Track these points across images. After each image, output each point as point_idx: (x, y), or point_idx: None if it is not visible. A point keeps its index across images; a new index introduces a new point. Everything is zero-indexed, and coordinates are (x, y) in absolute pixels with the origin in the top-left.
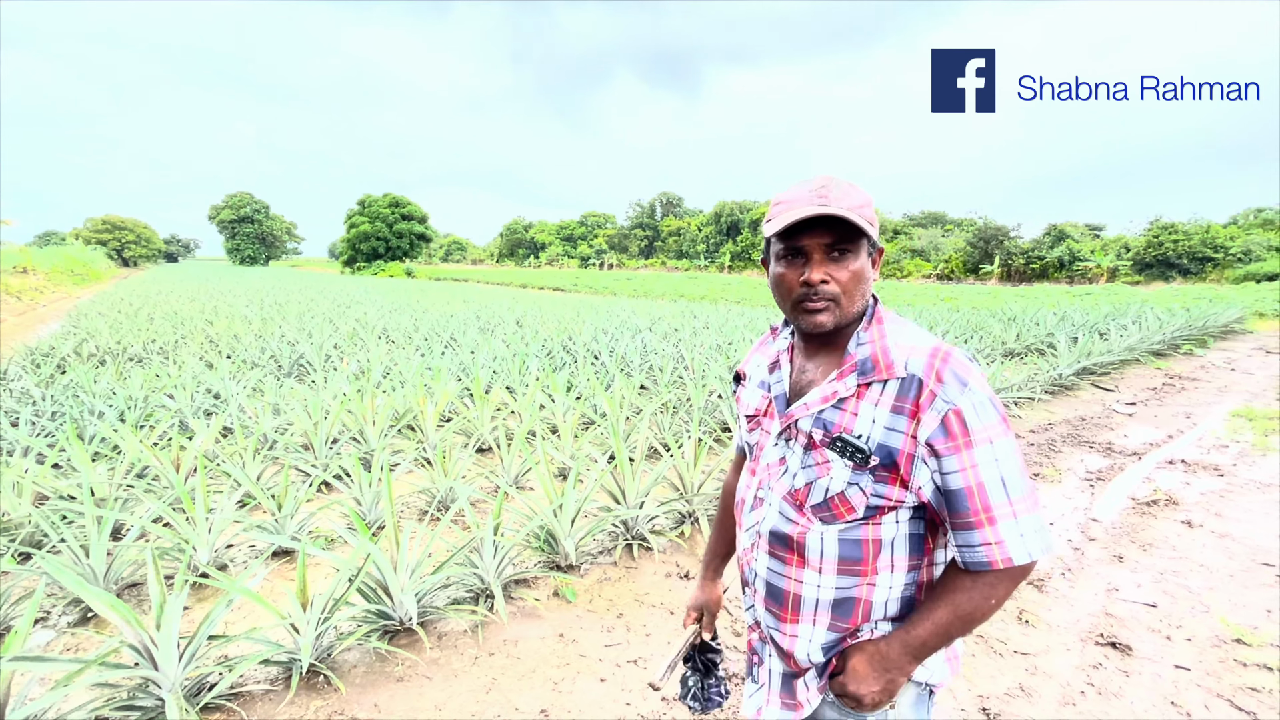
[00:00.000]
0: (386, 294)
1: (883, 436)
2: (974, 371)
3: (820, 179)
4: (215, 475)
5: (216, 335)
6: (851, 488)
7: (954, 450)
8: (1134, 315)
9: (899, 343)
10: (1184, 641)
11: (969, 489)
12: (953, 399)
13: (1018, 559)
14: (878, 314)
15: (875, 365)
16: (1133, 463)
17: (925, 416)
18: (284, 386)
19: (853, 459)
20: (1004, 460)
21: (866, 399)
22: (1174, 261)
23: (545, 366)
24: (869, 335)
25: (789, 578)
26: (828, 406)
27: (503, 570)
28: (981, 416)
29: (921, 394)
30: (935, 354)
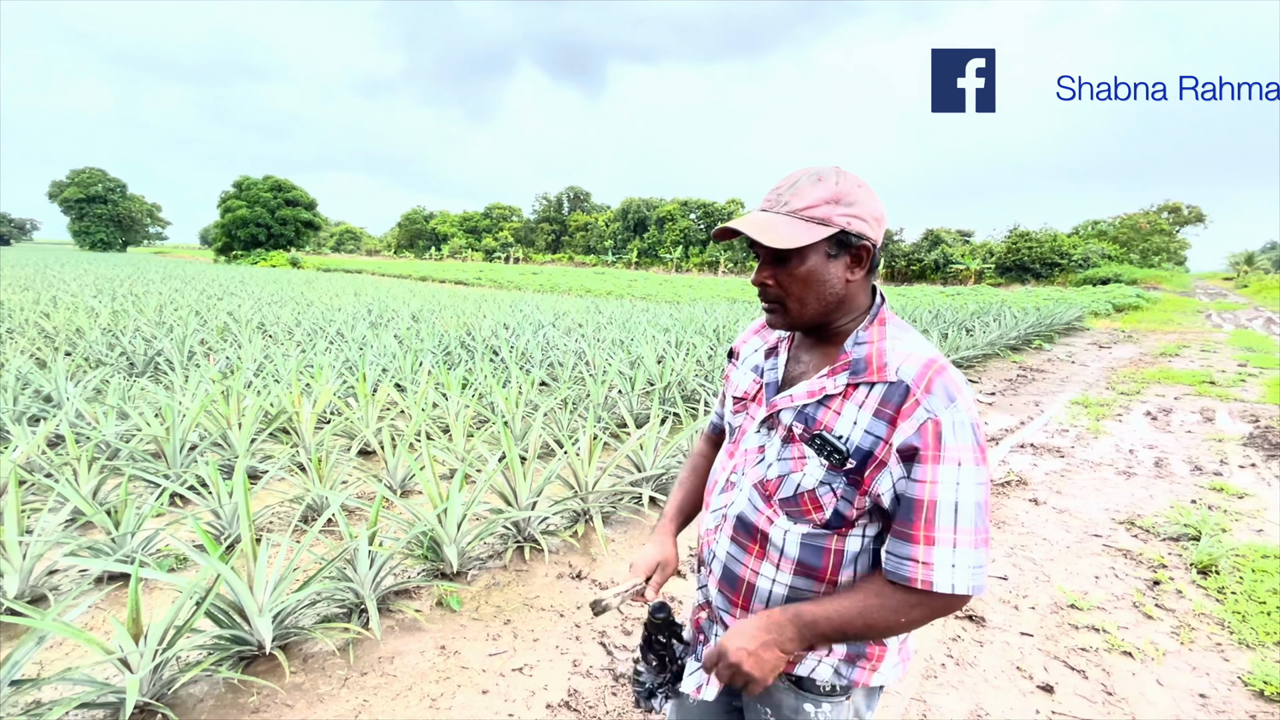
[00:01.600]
0: (266, 285)
1: (861, 440)
2: (965, 391)
3: (796, 174)
4: (40, 490)
5: (54, 329)
6: (823, 487)
7: (921, 460)
8: (995, 313)
9: (897, 348)
10: (1029, 610)
11: (920, 502)
12: (935, 410)
13: (938, 585)
14: (881, 315)
15: (868, 366)
16: (991, 447)
17: (904, 424)
18: (135, 387)
19: (829, 458)
20: (965, 487)
21: (853, 399)
22: (1029, 266)
23: (440, 363)
24: (868, 335)
25: (747, 566)
26: (813, 402)
27: (380, 582)
28: (959, 436)
29: (906, 401)
30: (931, 364)
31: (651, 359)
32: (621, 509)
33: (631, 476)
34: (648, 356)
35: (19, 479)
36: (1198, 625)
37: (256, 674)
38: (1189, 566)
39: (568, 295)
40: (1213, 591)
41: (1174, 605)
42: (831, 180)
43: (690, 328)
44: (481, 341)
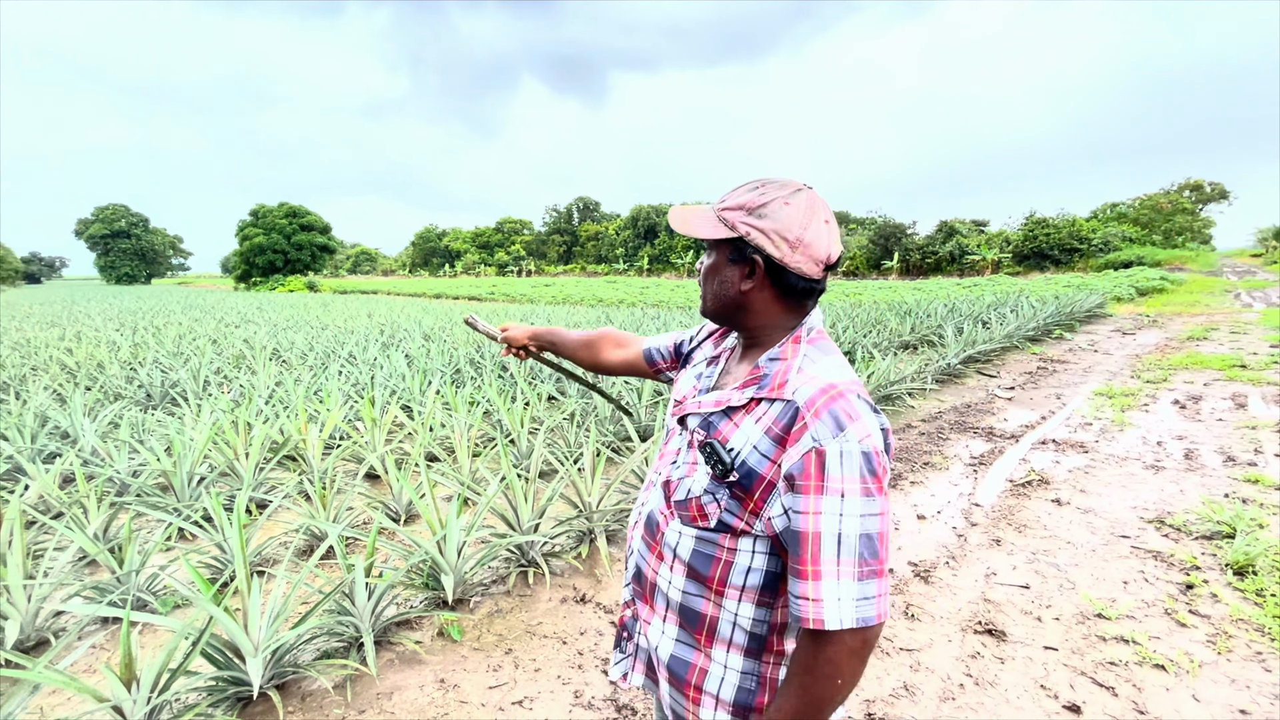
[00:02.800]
0: (283, 310)
1: (749, 455)
2: (862, 420)
3: (753, 180)
4: (49, 530)
5: (76, 365)
6: (707, 496)
7: (804, 491)
8: (1012, 304)
9: (805, 368)
10: (1053, 621)
11: (804, 534)
12: (821, 439)
13: (829, 623)
14: (798, 335)
15: (772, 381)
16: (1011, 445)
17: (792, 449)
18: (150, 419)
19: (714, 468)
20: (849, 519)
21: (753, 414)
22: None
23: (448, 382)
24: (782, 352)
25: (649, 565)
26: (718, 410)
27: (381, 614)
28: (845, 467)
29: (795, 424)
30: (827, 390)
31: None
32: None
33: (638, 492)
34: None
35: (29, 520)
36: (1235, 632)
37: (253, 716)
38: (1224, 567)
39: (580, 306)
40: (1250, 594)
41: (1209, 611)
42: (760, 191)
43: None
44: (490, 358)
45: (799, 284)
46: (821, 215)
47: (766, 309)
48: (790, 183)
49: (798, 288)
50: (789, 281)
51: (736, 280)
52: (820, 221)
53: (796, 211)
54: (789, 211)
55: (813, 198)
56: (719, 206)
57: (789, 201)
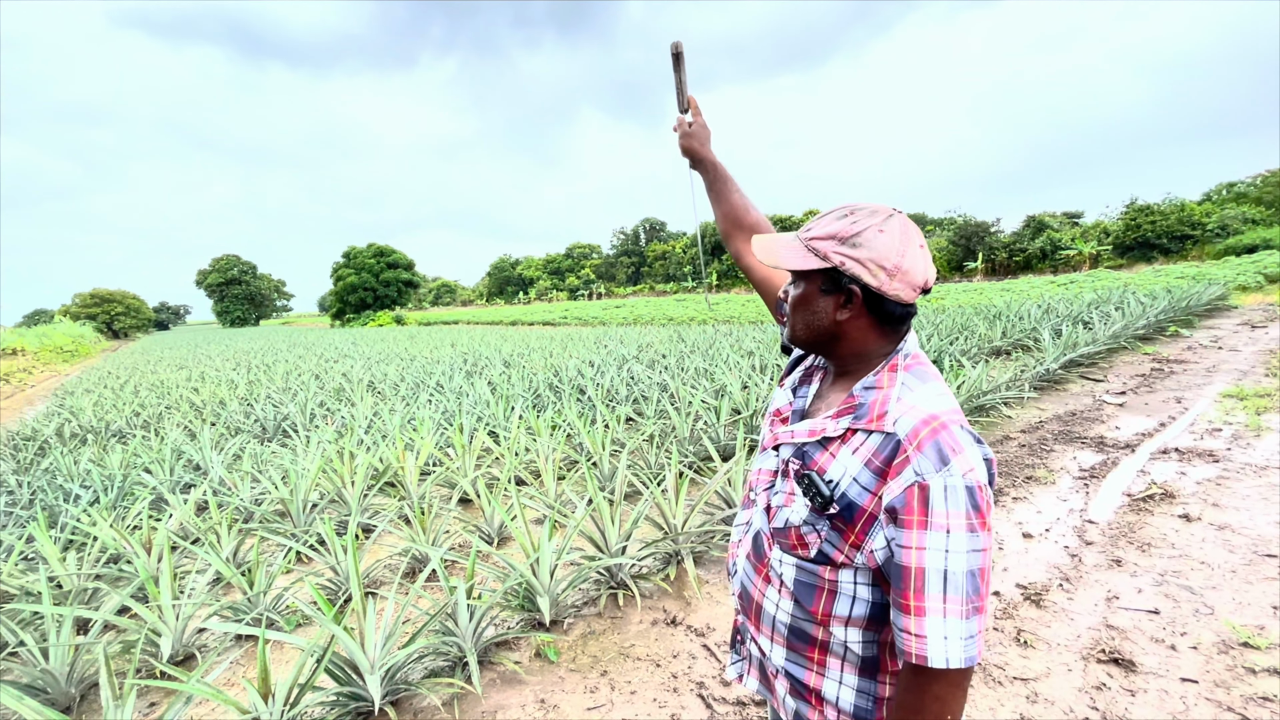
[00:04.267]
0: (375, 344)
1: (849, 488)
2: (965, 453)
3: (837, 207)
4: (189, 555)
5: (202, 402)
6: (807, 527)
7: (907, 526)
8: (1116, 300)
9: (904, 397)
10: (1189, 650)
11: (907, 569)
12: (924, 473)
13: (933, 660)
14: (895, 361)
15: (870, 412)
16: (1126, 456)
17: (893, 482)
18: (267, 451)
19: (812, 500)
20: (955, 555)
21: (850, 444)
22: (1154, 242)
23: (529, 407)
24: (877, 380)
25: (756, 586)
26: (812, 441)
27: (481, 634)
28: (949, 502)
29: (897, 456)
30: (929, 422)
31: (736, 386)
32: (714, 548)
33: (722, 513)
34: (732, 384)
35: (172, 545)
36: None
37: None
38: None
39: (650, 326)
40: None
41: None
42: (851, 219)
43: (775, 349)
44: (568, 382)
45: (896, 310)
46: (915, 240)
47: (862, 337)
48: (880, 208)
49: (895, 314)
50: (886, 309)
51: (831, 310)
52: (915, 246)
53: (891, 239)
54: (884, 239)
55: (905, 223)
56: (806, 236)
57: (883, 229)
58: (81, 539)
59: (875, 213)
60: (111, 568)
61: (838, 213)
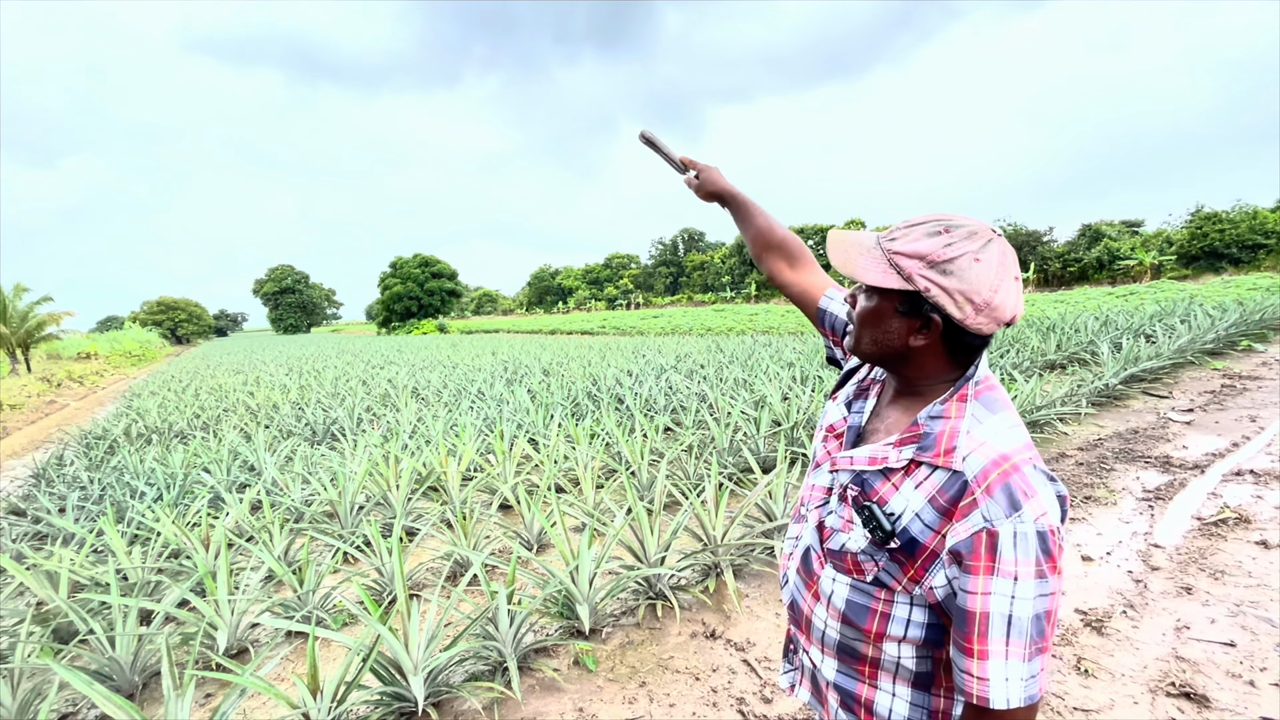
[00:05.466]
0: (419, 351)
1: (911, 524)
2: (1038, 496)
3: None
4: (244, 552)
5: (256, 406)
6: (865, 556)
7: (973, 571)
8: (1182, 313)
9: (973, 431)
10: (1269, 686)
11: (971, 614)
12: (993, 519)
13: (994, 701)
14: (964, 390)
15: (936, 445)
16: (1195, 477)
17: (959, 524)
18: (317, 453)
19: (873, 534)
20: (1022, 601)
21: (913, 477)
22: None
23: (568, 415)
24: (945, 409)
25: (805, 601)
26: (872, 470)
27: (521, 639)
28: (1019, 549)
29: (964, 498)
30: (1001, 462)
31: (776, 397)
32: (754, 561)
33: (762, 526)
34: (772, 395)
35: (228, 542)
36: None
37: None
38: None
39: (688, 336)
40: None
41: None
42: (945, 239)
43: (816, 360)
44: (606, 391)
45: (974, 342)
46: (1011, 271)
47: (933, 363)
48: (980, 229)
49: (972, 345)
50: (964, 340)
51: (903, 333)
52: (1010, 279)
53: (988, 270)
54: (980, 270)
55: (1004, 250)
56: (890, 247)
57: (980, 257)
58: (146, 534)
59: (974, 235)
60: (173, 562)
61: (929, 227)
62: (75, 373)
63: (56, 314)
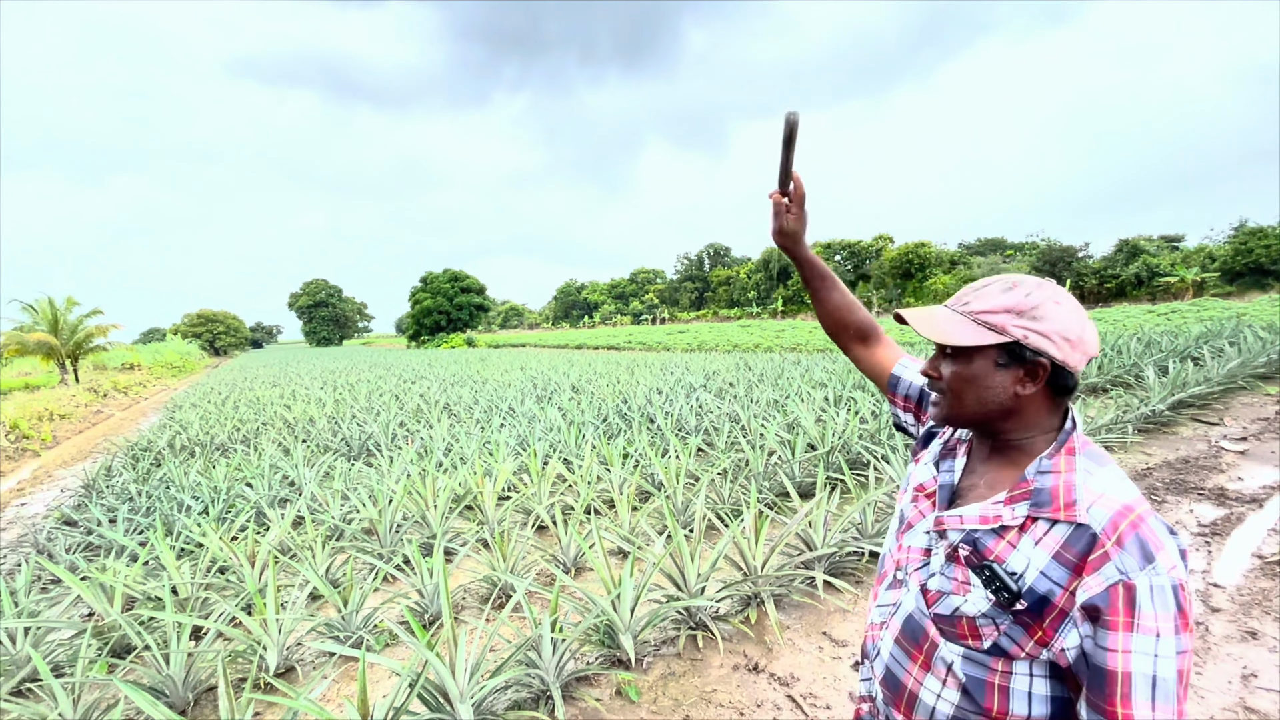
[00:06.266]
0: (449, 366)
1: (1037, 582)
2: (1167, 547)
3: (992, 279)
4: (287, 569)
5: (294, 420)
6: (984, 619)
7: (1110, 627)
8: (1229, 335)
9: (1089, 484)
10: None
11: (1114, 674)
12: (1128, 570)
13: None
14: (1070, 444)
15: (1053, 500)
16: (1253, 511)
17: (1090, 578)
18: (354, 469)
19: (997, 594)
20: (1164, 660)
21: (1030, 533)
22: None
23: (600, 434)
24: (1054, 464)
25: (910, 674)
26: (985, 529)
27: (563, 668)
28: (1157, 603)
29: (1093, 551)
30: (1126, 512)
31: (810, 420)
32: (794, 591)
33: (802, 556)
34: (805, 417)
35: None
36: None
37: None
38: None
39: (715, 352)
40: None
41: None
42: (1022, 291)
43: (849, 381)
44: (637, 410)
45: (1070, 382)
46: (1083, 310)
47: (1036, 411)
48: (1042, 281)
49: (1070, 385)
50: (1063, 380)
51: (1009, 385)
52: (1086, 317)
53: (1069, 311)
54: (1063, 311)
55: (1069, 294)
56: (970, 310)
57: (1059, 301)
58: (193, 548)
59: (1040, 285)
60: (219, 578)
61: (1000, 285)
62: (120, 383)
63: (104, 326)
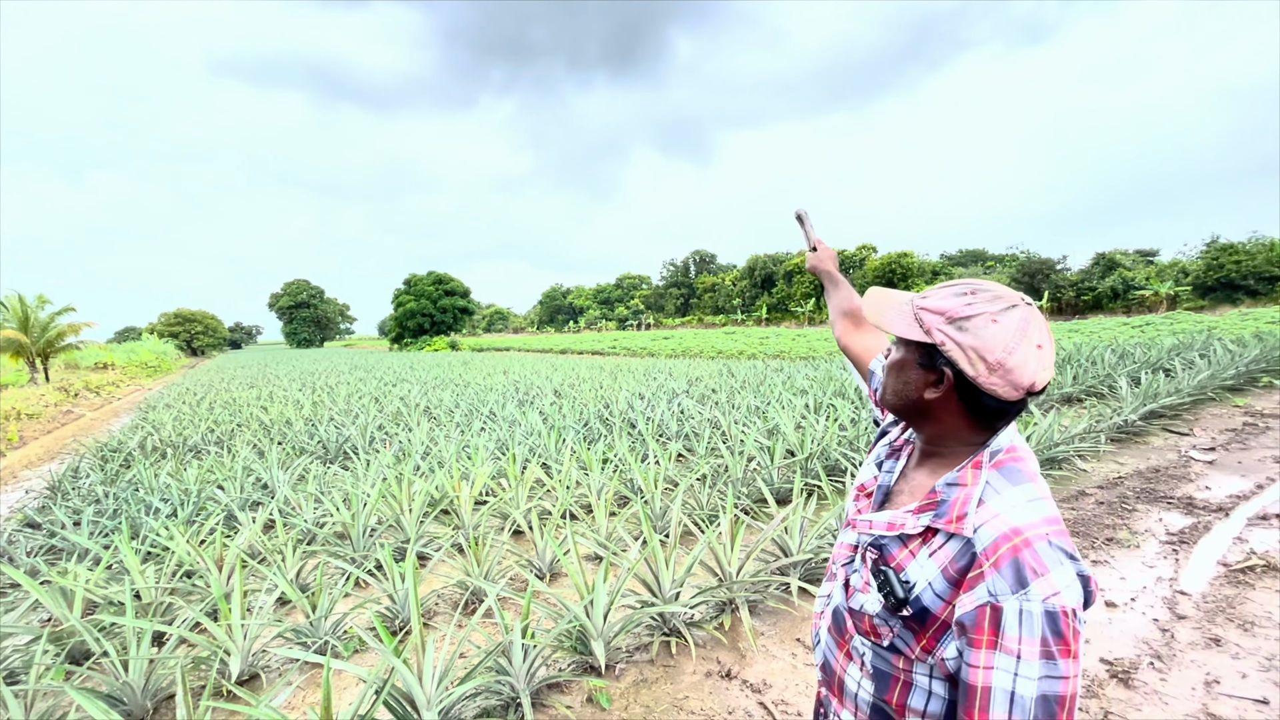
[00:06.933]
0: (431, 369)
1: (924, 593)
2: (1049, 576)
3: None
4: (256, 573)
5: (270, 421)
6: (880, 620)
7: (976, 645)
8: (1200, 347)
9: (988, 502)
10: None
11: (974, 687)
12: (998, 594)
13: None
14: (980, 458)
15: (949, 512)
16: (1219, 520)
17: (965, 596)
18: (329, 472)
19: (886, 599)
20: (1024, 681)
21: (929, 545)
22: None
23: (580, 439)
24: (960, 477)
25: (838, 661)
26: (891, 535)
27: (534, 674)
28: (1024, 628)
29: (972, 569)
30: (1012, 536)
31: (790, 426)
32: (769, 597)
33: (778, 561)
34: (785, 424)
35: (241, 563)
36: None
37: None
38: None
39: (699, 358)
40: None
41: None
42: (968, 299)
43: (829, 388)
44: (619, 415)
45: (991, 404)
46: (1034, 339)
47: (950, 421)
48: (1006, 295)
49: (989, 408)
50: (981, 401)
51: (920, 385)
52: (1031, 345)
53: (1004, 332)
54: (995, 331)
55: (1027, 316)
56: (919, 303)
57: (998, 319)
58: (160, 551)
59: (997, 299)
60: (185, 582)
61: (959, 288)
62: (92, 383)
63: (77, 324)
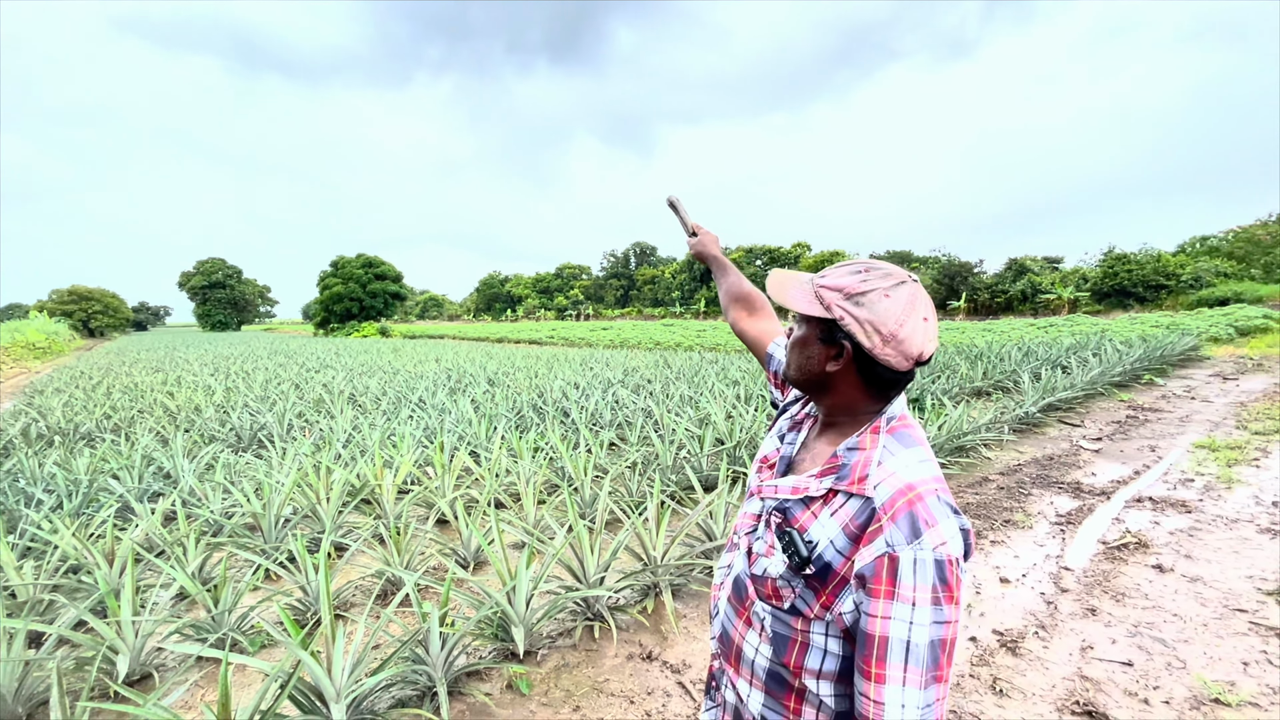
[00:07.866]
0: (358, 355)
1: (825, 550)
2: (939, 526)
3: (857, 260)
4: (154, 568)
5: (176, 408)
6: (783, 581)
7: (874, 595)
8: (1094, 347)
9: (884, 463)
10: (1162, 705)
11: (872, 636)
12: (895, 544)
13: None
14: (877, 424)
15: (850, 474)
16: (1101, 503)
17: (864, 549)
18: (241, 461)
19: (790, 558)
20: (919, 627)
21: (830, 505)
22: (1130, 290)
23: (512, 427)
24: (859, 441)
25: (737, 629)
26: (795, 499)
27: (452, 663)
28: (918, 575)
29: (871, 524)
30: (906, 491)
31: (720, 416)
32: (693, 581)
33: (702, 545)
34: (716, 414)
35: (136, 557)
36: None
37: None
38: None
39: (637, 349)
40: None
41: None
42: (862, 276)
43: (760, 379)
44: (552, 404)
45: (886, 375)
46: (920, 312)
47: (850, 392)
48: (895, 273)
49: (884, 378)
50: (876, 371)
51: (822, 359)
52: (918, 318)
53: (896, 305)
54: (888, 304)
55: (915, 292)
56: (818, 282)
57: (890, 294)
58: (41, 547)
59: (888, 276)
60: (71, 578)
61: (853, 267)
62: None
63: None
